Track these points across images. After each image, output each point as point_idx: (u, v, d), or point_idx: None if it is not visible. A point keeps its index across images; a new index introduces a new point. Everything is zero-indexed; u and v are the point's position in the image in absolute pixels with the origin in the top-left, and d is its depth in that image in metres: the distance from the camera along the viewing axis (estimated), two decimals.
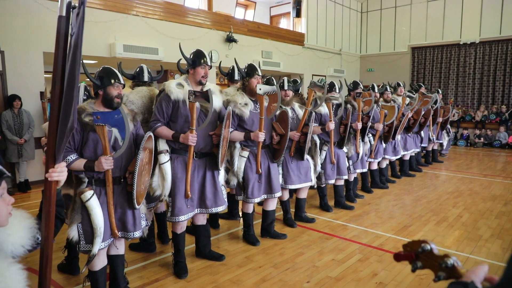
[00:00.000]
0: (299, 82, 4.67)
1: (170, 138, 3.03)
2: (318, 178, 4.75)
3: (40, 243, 1.48)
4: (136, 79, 3.59)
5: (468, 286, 0.85)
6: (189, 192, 3.09)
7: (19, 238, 1.35)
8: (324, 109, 4.53)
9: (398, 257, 1.05)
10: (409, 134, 7.00)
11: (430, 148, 8.45)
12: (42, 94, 3.65)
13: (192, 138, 2.94)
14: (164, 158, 3.02)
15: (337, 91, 4.82)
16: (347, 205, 5.18)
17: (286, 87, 4.13)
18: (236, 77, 4.50)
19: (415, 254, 1.00)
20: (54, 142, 1.46)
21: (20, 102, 6.20)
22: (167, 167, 3.02)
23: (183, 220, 3.14)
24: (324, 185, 4.94)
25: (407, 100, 6.49)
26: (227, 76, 4.63)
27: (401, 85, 7.08)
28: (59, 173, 1.50)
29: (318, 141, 4.60)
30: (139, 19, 8.03)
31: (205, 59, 3.13)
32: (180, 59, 3.40)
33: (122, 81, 2.62)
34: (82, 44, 1.39)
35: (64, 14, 1.39)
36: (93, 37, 7.19)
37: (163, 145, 3.08)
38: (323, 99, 4.32)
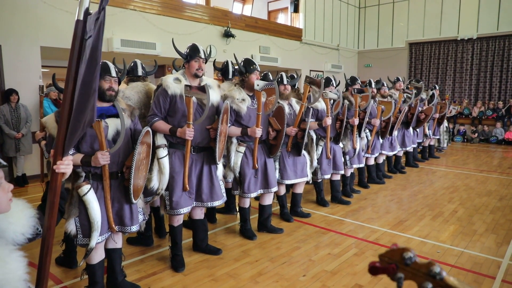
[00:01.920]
0: (296, 77, 4.68)
1: (168, 132, 3.05)
2: (314, 173, 4.77)
3: (40, 233, 1.52)
4: (130, 74, 3.59)
5: None
6: (187, 185, 3.11)
7: (20, 226, 1.40)
8: (321, 104, 4.54)
9: (374, 270, 0.88)
10: (408, 130, 7.04)
11: (426, 144, 8.50)
12: (41, 88, 3.65)
13: (189, 132, 2.95)
14: (162, 152, 3.04)
15: (334, 86, 4.85)
16: (344, 200, 5.21)
17: (285, 82, 4.15)
18: (230, 75, 4.50)
19: (396, 266, 0.85)
20: (64, 137, 1.53)
21: (17, 96, 6.19)
22: (165, 162, 3.05)
23: (182, 213, 3.16)
24: (320, 180, 4.97)
25: (404, 96, 6.51)
26: (220, 72, 4.62)
27: (400, 80, 7.11)
28: (66, 165, 1.56)
29: (314, 136, 4.62)
30: (136, 14, 8.00)
31: (199, 52, 3.14)
32: (175, 60, 3.41)
33: (113, 75, 2.62)
34: (101, 46, 1.46)
35: (81, 18, 1.45)
36: None
37: (161, 140, 3.10)
38: (320, 94, 4.33)
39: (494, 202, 5.27)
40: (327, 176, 4.87)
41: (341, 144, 5.06)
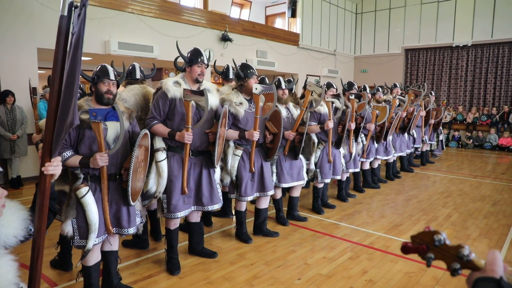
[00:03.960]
0: (292, 81, 4.72)
1: (166, 135, 3.06)
2: (314, 177, 4.79)
3: (33, 234, 1.51)
4: (129, 77, 3.60)
5: (500, 282, 0.80)
6: (185, 189, 3.12)
7: (12, 229, 1.39)
8: (323, 108, 4.57)
9: (406, 249, 0.96)
10: (404, 135, 7.09)
11: (424, 149, 8.54)
12: (34, 89, 3.65)
13: (188, 136, 2.97)
14: (161, 156, 3.06)
15: (335, 89, 4.91)
16: (328, 204, 5.23)
17: (283, 86, 4.18)
18: (231, 76, 4.55)
19: (426, 246, 0.93)
20: (51, 138, 1.51)
21: (13, 98, 6.17)
22: (164, 165, 3.06)
23: (179, 216, 3.17)
24: (321, 185, 4.96)
25: (397, 101, 6.55)
26: (221, 75, 4.67)
27: (398, 86, 7.18)
28: (55, 167, 1.55)
29: (316, 140, 4.65)
30: (134, 17, 8.03)
31: (201, 57, 3.17)
32: (177, 57, 3.41)
33: (112, 78, 2.64)
34: (83, 44, 1.44)
35: (65, 13, 1.44)
36: (88, 34, 7.16)
37: (159, 143, 3.11)
38: (320, 100, 4.37)
39: (487, 207, 5.32)
40: (327, 181, 4.88)
41: (341, 150, 5.09)
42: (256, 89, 3.47)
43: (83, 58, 8.12)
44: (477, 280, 0.83)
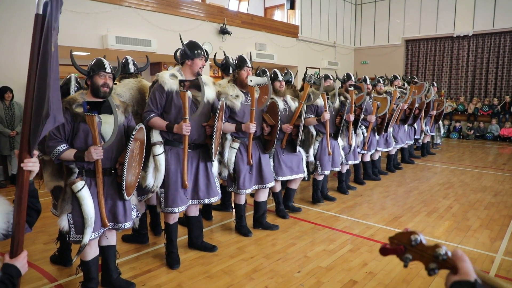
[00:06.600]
0: (290, 74, 4.68)
1: (164, 128, 3.04)
2: (314, 170, 4.77)
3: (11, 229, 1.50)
4: (122, 71, 3.51)
5: (475, 285, 0.81)
6: (186, 182, 3.10)
7: None
8: (320, 100, 4.55)
9: (384, 251, 0.97)
10: (404, 126, 7.04)
11: (425, 141, 8.51)
12: None
13: (186, 128, 2.94)
14: (159, 149, 3.03)
15: (332, 80, 4.88)
16: (321, 199, 5.18)
17: (280, 78, 4.15)
18: (230, 69, 4.51)
19: (404, 247, 0.94)
20: (28, 134, 1.48)
21: (12, 94, 6.15)
22: (161, 159, 3.04)
23: (178, 211, 3.15)
24: (321, 177, 4.94)
25: (398, 94, 6.51)
26: (221, 68, 4.63)
27: (398, 77, 7.14)
28: (33, 163, 1.51)
29: (314, 133, 4.63)
30: (131, 11, 7.96)
31: (202, 50, 3.14)
32: (178, 49, 3.35)
33: (108, 71, 2.61)
34: (52, 32, 1.44)
35: (41, 12, 1.43)
36: (85, 29, 7.12)
37: (157, 137, 3.08)
38: (318, 94, 4.34)
39: (488, 198, 5.30)
40: (327, 172, 4.87)
41: (340, 141, 5.06)
42: (250, 80, 3.44)
43: (80, 53, 8.08)
44: (453, 284, 0.85)
